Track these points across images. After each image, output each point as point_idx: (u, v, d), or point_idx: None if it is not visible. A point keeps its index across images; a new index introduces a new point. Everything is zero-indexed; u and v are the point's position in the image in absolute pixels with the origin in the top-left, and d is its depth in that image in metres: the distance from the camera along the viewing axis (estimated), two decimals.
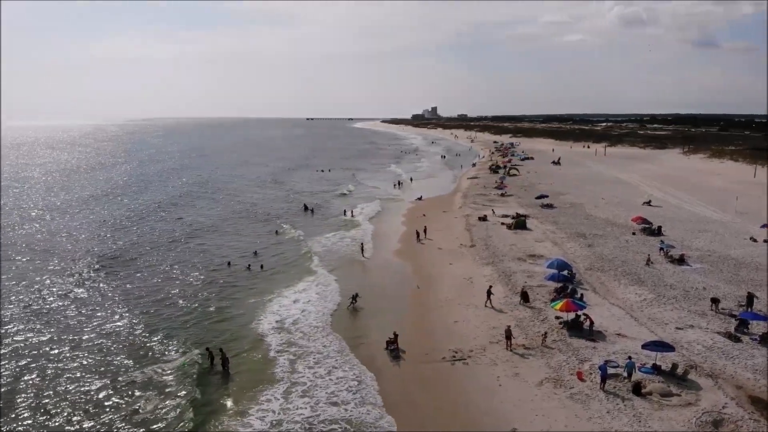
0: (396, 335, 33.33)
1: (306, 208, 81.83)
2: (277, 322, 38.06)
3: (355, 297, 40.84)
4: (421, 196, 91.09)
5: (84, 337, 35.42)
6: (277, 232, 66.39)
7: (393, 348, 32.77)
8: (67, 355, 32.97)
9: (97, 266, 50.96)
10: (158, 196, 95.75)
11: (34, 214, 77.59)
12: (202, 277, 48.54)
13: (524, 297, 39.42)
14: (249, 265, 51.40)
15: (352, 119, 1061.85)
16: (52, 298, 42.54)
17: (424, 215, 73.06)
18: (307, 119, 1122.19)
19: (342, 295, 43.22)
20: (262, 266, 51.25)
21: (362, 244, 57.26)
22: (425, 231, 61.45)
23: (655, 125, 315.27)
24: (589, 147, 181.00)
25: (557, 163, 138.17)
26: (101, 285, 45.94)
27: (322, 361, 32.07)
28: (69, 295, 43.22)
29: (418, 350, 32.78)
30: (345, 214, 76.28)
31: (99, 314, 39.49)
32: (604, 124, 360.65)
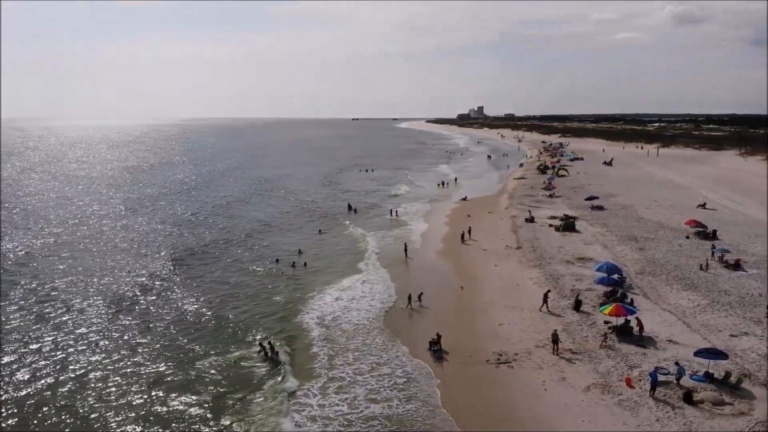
0: (439, 336, 33.20)
1: (350, 207, 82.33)
2: (319, 318, 38.60)
3: (410, 297, 40.67)
4: (466, 197, 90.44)
5: (148, 328, 36.72)
6: (320, 231, 67.01)
7: (436, 349, 32.64)
8: (132, 350, 34.17)
9: (166, 262, 52.89)
10: (222, 193, 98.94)
11: (111, 210, 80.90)
12: (252, 273, 49.75)
13: (577, 305, 38.45)
14: (294, 263, 52.28)
15: (396, 119, 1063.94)
16: (124, 290, 44.37)
17: (469, 216, 72.53)
18: (353, 119, 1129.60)
19: (383, 293, 43.45)
20: (305, 264, 51.98)
21: (405, 244, 57.22)
22: (470, 232, 61.00)
23: (711, 126, 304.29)
24: (642, 148, 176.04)
25: (609, 163, 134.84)
26: (166, 280, 47.58)
27: (363, 357, 32.34)
28: (138, 288, 44.85)
29: (462, 352, 32.55)
30: (391, 214, 76.43)
31: (159, 309, 40.87)
32: (657, 124, 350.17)
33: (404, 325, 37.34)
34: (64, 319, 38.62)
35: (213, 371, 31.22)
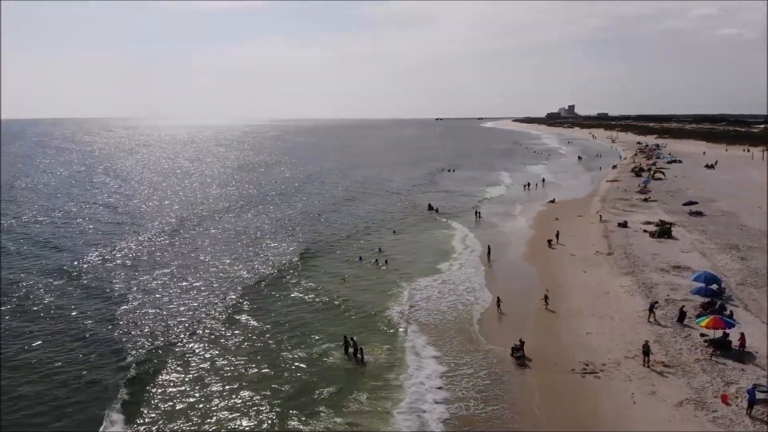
0: (522, 342, 32.63)
1: (430, 207, 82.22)
2: (399, 317, 38.97)
3: (499, 301, 40.38)
4: (555, 199, 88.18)
5: (239, 321, 38.56)
6: (394, 231, 67.28)
7: (519, 355, 32.11)
8: (234, 332, 36.06)
9: (272, 258, 55.12)
10: (331, 192, 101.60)
11: (232, 205, 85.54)
12: (339, 270, 50.87)
13: (681, 316, 36.61)
14: (376, 260, 53.29)
15: (482, 119, 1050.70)
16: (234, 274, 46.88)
17: (557, 219, 70.68)
18: (436, 119, 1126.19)
19: (465, 295, 43.20)
20: (386, 262, 52.70)
21: (489, 246, 56.57)
22: (557, 236, 59.46)
23: None
24: (748, 150, 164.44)
25: (712, 167, 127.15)
26: (268, 277, 49.27)
27: (443, 357, 32.37)
28: (243, 280, 47.26)
29: (546, 359, 31.84)
30: (475, 215, 75.73)
31: (262, 304, 42.65)
32: (763, 125, 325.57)
33: (486, 329, 36.94)
34: (172, 298, 41.67)
35: (297, 364, 32.20)
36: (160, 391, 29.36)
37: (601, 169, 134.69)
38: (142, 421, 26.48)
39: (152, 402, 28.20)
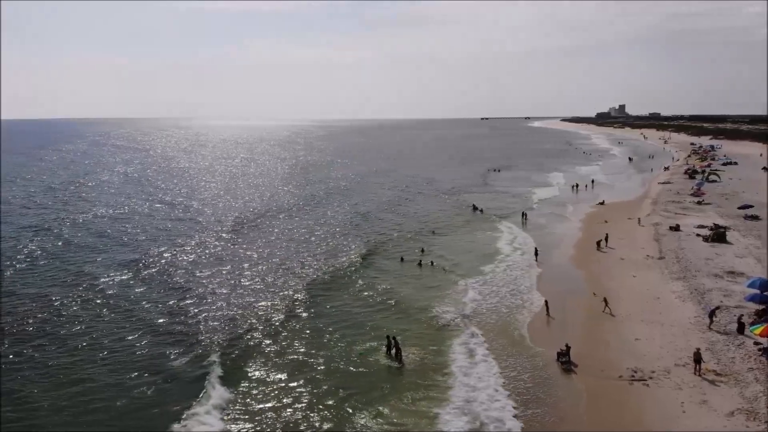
0: (568, 347, 32.31)
1: (475, 208, 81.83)
2: (441, 317, 39.13)
3: (547, 305, 40.11)
4: (604, 201, 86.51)
5: (296, 315, 39.43)
6: (433, 231, 67.26)
7: (565, 360, 31.81)
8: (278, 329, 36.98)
9: (328, 259, 55.49)
10: (382, 192, 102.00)
11: (288, 205, 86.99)
12: (384, 271, 51.18)
13: (741, 327, 35.48)
14: (420, 261, 53.27)
15: (529, 118, 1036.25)
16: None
17: (606, 221, 69.43)
18: (482, 119, 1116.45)
19: (510, 297, 42.96)
20: (432, 263, 52.65)
21: (536, 248, 56.09)
22: (606, 238, 58.45)
23: None
24: None
25: None
26: (320, 277, 49.77)
27: (488, 360, 32.30)
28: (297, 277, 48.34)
29: (592, 365, 31.44)
30: (522, 217, 75.00)
31: (309, 301, 43.37)
32: None
33: (532, 332, 36.66)
34: (234, 293, 43.22)
35: (336, 361, 32.72)
36: (223, 382, 30.24)
37: (652, 171, 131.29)
38: (211, 413, 27.31)
39: (221, 394, 29.05)
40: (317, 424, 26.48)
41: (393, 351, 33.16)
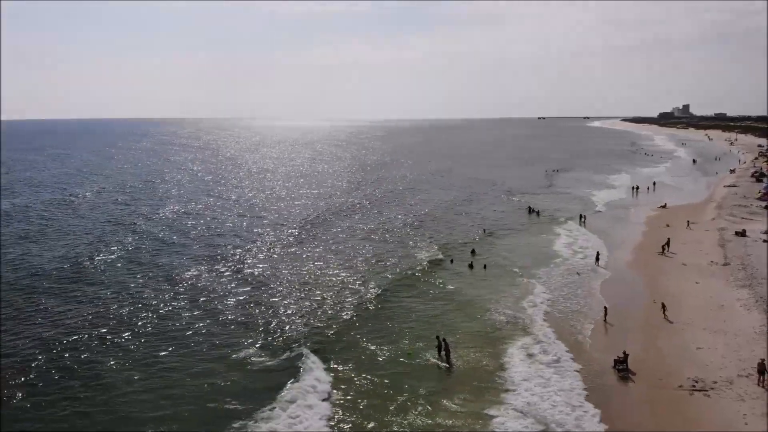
0: (626, 354, 31.65)
1: (531, 210, 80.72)
2: (493, 322, 38.66)
3: (606, 311, 39.35)
4: (666, 204, 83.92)
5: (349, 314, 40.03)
6: (485, 230, 66.74)
7: (622, 368, 31.17)
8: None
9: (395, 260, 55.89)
10: (442, 192, 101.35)
11: (358, 204, 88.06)
12: (436, 274, 50.58)
13: None
14: (471, 263, 52.87)
15: (588, 118, 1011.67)
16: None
17: (668, 225, 67.43)
18: (539, 118, 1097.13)
19: (567, 302, 42.33)
20: (485, 266, 52.09)
21: (598, 252, 54.81)
22: (668, 243, 56.73)
23: None
24: None
25: None
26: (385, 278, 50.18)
27: (540, 367, 31.78)
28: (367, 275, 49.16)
29: (651, 374, 30.73)
30: (580, 219, 73.51)
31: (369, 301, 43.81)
32: None
33: (590, 338, 36.06)
34: (305, 290, 43.61)
35: (382, 359, 33.11)
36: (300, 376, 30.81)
37: (717, 174, 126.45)
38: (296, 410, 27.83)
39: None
40: (364, 420, 26.83)
41: (443, 353, 33.12)
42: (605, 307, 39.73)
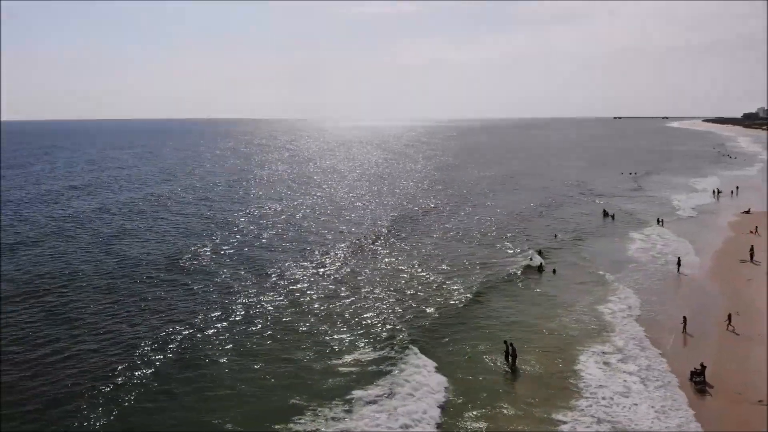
0: (703, 366, 30.65)
1: (606, 213, 78.69)
2: (562, 329, 38.04)
3: (685, 321, 38.08)
4: (750, 209, 79.86)
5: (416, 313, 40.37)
6: (556, 236, 65.61)
7: (699, 380, 30.21)
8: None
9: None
10: (517, 194, 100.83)
11: (437, 206, 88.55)
12: (501, 276, 50.11)
13: None
14: (540, 265, 52.11)
15: (666, 118, 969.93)
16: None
17: (751, 232, 64.25)
18: (614, 118, 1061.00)
19: (643, 310, 41.13)
20: (554, 271, 51.29)
21: (679, 258, 52.65)
22: (752, 251, 54.14)
23: None
24: None
25: None
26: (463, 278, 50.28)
27: (613, 375, 31.16)
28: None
29: (730, 387, 29.69)
30: (657, 223, 71.15)
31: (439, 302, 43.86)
32: None
33: (666, 349, 34.78)
34: (387, 294, 44.60)
35: (447, 358, 33.32)
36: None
37: None
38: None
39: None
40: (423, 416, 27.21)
41: (510, 355, 32.95)
42: (684, 317, 38.37)
